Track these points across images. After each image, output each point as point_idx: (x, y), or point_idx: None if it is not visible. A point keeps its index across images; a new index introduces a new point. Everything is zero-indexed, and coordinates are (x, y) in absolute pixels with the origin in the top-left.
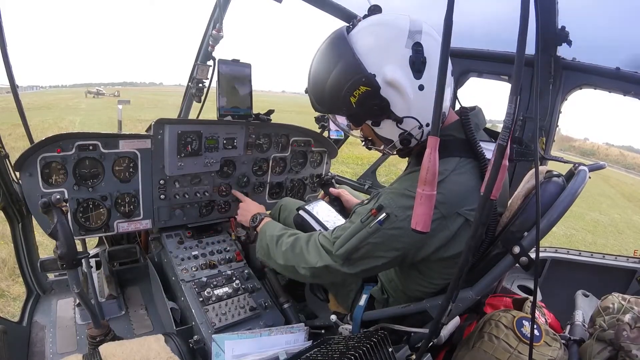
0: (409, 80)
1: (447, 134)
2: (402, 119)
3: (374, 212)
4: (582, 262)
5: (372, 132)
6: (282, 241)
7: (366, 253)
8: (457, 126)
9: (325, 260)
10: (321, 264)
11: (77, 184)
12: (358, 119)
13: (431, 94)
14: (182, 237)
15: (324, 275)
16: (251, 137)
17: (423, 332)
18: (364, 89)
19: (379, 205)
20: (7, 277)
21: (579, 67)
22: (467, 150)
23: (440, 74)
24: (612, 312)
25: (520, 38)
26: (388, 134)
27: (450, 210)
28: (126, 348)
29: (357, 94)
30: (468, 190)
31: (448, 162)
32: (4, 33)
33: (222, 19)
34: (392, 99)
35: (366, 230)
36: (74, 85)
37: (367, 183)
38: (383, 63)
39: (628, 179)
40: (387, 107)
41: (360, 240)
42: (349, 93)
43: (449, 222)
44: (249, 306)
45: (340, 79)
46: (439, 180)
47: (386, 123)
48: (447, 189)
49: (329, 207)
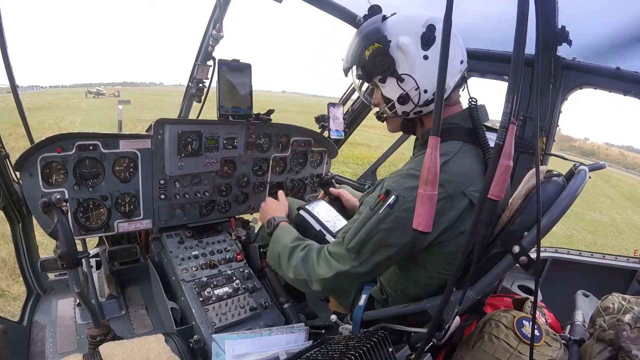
0: (416, 48)
1: (452, 122)
2: (402, 77)
3: (382, 197)
4: (582, 262)
5: (380, 95)
6: (294, 255)
7: (378, 241)
8: (461, 116)
9: (335, 267)
10: (332, 274)
11: (77, 183)
12: (368, 73)
13: (433, 65)
14: (183, 237)
15: (336, 284)
16: (251, 137)
17: (423, 332)
18: (377, 45)
19: (386, 190)
20: (8, 277)
21: (579, 67)
22: (470, 137)
23: (441, 73)
24: (612, 312)
25: (518, 37)
26: (390, 93)
27: (456, 190)
28: (126, 348)
29: (371, 49)
30: (473, 173)
31: (452, 144)
32: (4, 33)
33: (222, 19)
34: (398, 59)
35: (377, 216)
36: (74, 85)
37: (367, 183)
38: (399, 33)
39: (628, 179)
40: (393, 65)
41: (372, 228)
42: (365, 47)
43: (455, 202)
44: (249, 306)
45: (363, 38)
46: (444, 160)
47: (390, 81)
48: (452, 168)
49: (330, 207)
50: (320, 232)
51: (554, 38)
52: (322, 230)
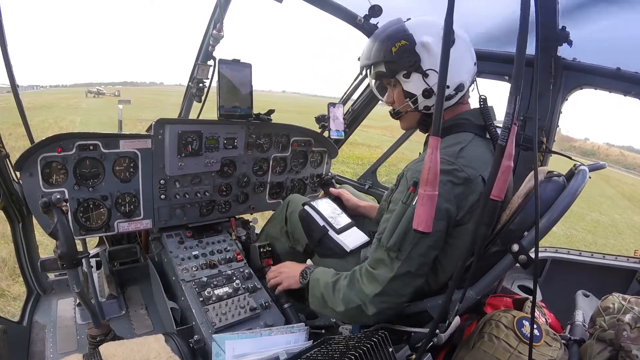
0: (437, 46)
1: (464, 117)
2: (427, 72)
3: (412, 189)
4: (582, 262)
5: (400, 91)
6: (338, 285)
7: (417, 234)
8: (472, 113)
9: (382, 279)
10: (380, 288)
11: (77, 183)
12: (393, 69)
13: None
14: (183, 237)
15: (388, 297)
16: (251, 137)
17: (423, 332)
18: (404, 42)
19: (413, 182)
20: (8, 277)
21: (580, 67)
22: (481, 132)
23: (441, 73)
24: (613, 312)
25: (521, 38)
26: (413, 88)
27: (474, 173)
28: (126, 348)
29: (398, 45)
30: (488, 160)
31: (464, 135)
32: (5, 32)
33: (222, 18)
34: (422, 57)
35: (412, 208)
36: (74, 85)
37: (367, 183)
38: (422, 34)
39: (628, 179)
40: (419, 61)
41: (409, 221)
42: (392, 44)
43: (474, 185)
44: (249, 306)
45: (389, 35)
46: (461, 147)
47: (415, 76)
48: (469, 154)
49: (334, 205)
50: (324, 227)
51: (555, 38)
52: (325, 225)
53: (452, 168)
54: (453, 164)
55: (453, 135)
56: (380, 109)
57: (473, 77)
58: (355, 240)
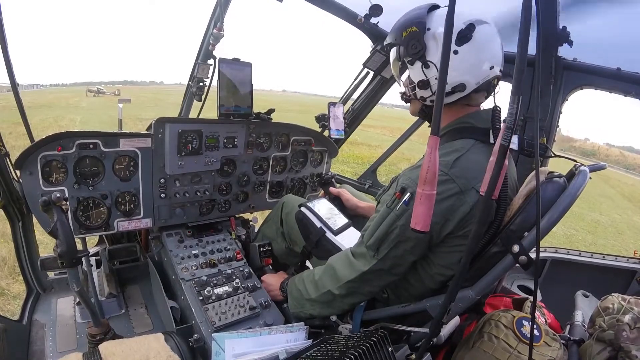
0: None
1: (466, 121)
2: (428, 63)
3: (397, 195)
4: (582, 263)
5: (407, 75)
6: (312, 275)
7: (396, 237)
8: (475, 116)
9: (357, 268)
10: (355, 275)
11: (77, 182)
12: (401, 52)
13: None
14: (182, 235)
15: (360, 286)
16: (252, 136)
17: (423, 332)
18: (414, 29)
19: (401, 188)
20: (7, 276)
21: (580, 67)
22: (483, 136)
23: (441, 73)
24: (612, 313)
25: (522, 38)
26: (414, 76)
27: (466, 185)
28: (126, 347)
29: (408, 31)
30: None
31: (465, 141)
32: (5, 31)
33: (223, 17)
34: (429, 47)
35: (394, 214)
36: (74, 84)
37: (367, 182)
38: (438, 25)
39: (628, 180)
40: (423, 50)
41: (389, 225)
42: (404, 28)
43: (466, 196)
44: (249, 305)
45: (405, 20)
46: (457, 156)
47: (417, 65)
48: (463, 165)
49: (331, 205)
50: (321, 229)
51: (555, 38)
52: (322, 227)
53: (444, 179)
54: (446, 174)
55: (450, 143)
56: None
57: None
58: (353, 242)
